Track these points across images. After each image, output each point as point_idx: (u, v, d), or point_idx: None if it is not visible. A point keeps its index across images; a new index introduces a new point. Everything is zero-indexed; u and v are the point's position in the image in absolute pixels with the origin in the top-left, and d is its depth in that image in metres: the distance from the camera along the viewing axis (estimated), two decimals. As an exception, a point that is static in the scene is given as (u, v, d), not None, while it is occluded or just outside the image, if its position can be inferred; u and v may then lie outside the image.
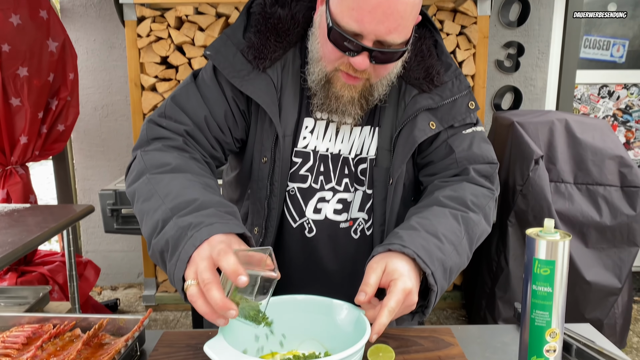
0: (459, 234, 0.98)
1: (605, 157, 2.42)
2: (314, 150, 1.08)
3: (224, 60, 1.03)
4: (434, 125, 1.05)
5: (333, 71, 0.99)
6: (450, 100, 1.06)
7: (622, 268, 2.43)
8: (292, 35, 1.05)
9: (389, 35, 0.91)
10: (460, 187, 1.05)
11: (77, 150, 3.38)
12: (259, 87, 1.01)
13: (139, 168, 0.97)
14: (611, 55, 3.46)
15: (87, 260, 2.84)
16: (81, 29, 3.24)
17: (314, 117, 1.08)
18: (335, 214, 1.11)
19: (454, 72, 1.09)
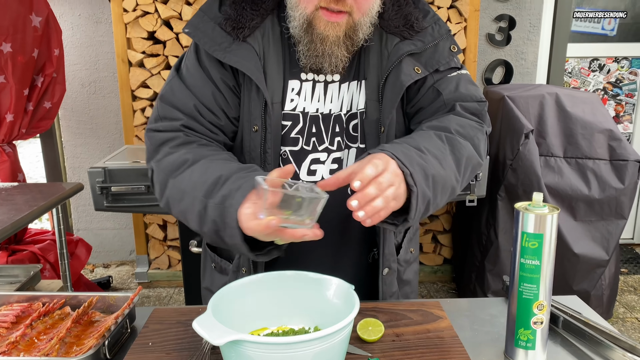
0: (443, 150, 0.97)
1: (594, 131, 2.43)
2: (302, 111, 1.08)
3: (204, 35, 1.03)
4: (419, 70, 1.05)
5: (314, 11, 0.98)
6: (432, 45, 1.07)
7: (610, 240, 2.47)
8: (267, 2, 1.06)
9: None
10: (445, 118, 1.06)
11: (65, 127, 3.34)
12: (242, 56, 1.01)
13: (161, 179, 1.01)
14: (602, 28, 3.45)
15: (78, 238, 2.84)
16: (65, 3, 3.17)
17: (300, 78, 1.07)
18: (330, 174, 1.09)
19: (433, 17, 1.10)
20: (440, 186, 0.94)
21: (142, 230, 3.12)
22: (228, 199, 0.88)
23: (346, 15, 0.98)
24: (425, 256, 3.26)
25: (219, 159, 0.98)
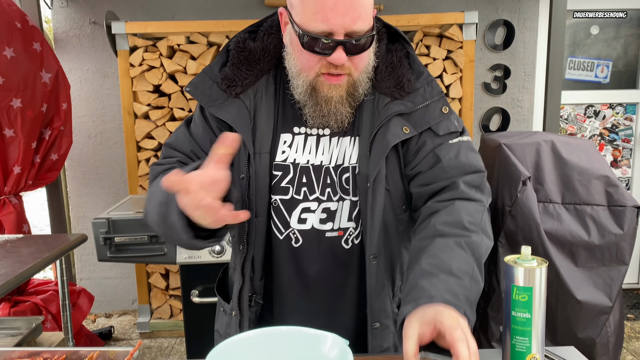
0: (470, 263, 1.00)
1: (591, 177, 2.45)
2: (293, 162, 1.13)
3: (202, 93, 1.13)
4: (407, 130, 1.09)
5: (315, 77, 1.05)
6: (422, 106, 1.10)
7: (612, 286, 2.45)
8: (263, 63, 1.14)
9: (355, 24, 0.98)
10: (454, 210, 1.08)
11: (70, 178, 3.40)
12: (232, 111, 1.10)
13: (144, 207, 1.09)
14: (595, 76, 3.54)
15: (80, 288, 2.84)
16: (75, 58, 3.29)
17: (292, 132, 1.14)
18: (321, 224, 1.14)
19: (426, 78, 1.14)
20: (476, 301, 1.00)
21: (145, 279, 3.13)
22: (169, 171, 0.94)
23: (346, 77, 1.04)
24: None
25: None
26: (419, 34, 2.90)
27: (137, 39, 2.88)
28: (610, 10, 3.47)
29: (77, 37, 3.27)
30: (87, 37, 3.28)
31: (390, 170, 1.12)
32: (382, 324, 1.16)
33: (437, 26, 2.87)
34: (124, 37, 2.87)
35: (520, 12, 3.29)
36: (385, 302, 1.16)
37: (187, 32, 2.89)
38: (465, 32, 2.84)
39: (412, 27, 2.89)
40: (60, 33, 3.27)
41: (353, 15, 0.97)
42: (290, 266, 1.16)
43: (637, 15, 3.49)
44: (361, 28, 0.99)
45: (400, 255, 1.21)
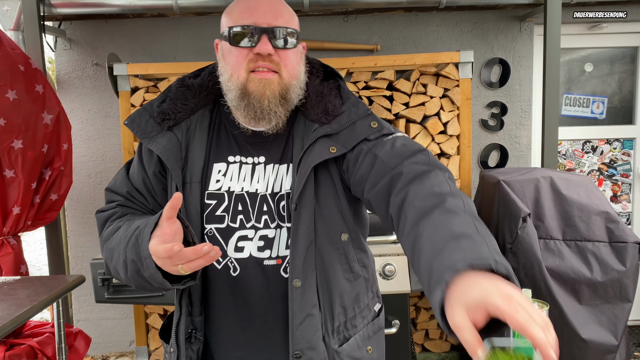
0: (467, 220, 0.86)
1: (591, 213, 2.45)
2: (227, 190, 1.15)
3: (138, 126, 1.17)
4: (334, 149, 1.09)
5: (246, 75, 1.08)
6: (349, 125, 1.12)
7: (617, 325, 2.42)
8: (199, 98, 1.19)
9: (277, 20, 1.08)
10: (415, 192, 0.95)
11: (70, 217, 3.40)
12: (162, 142, 1.14)
13: (101, 249, 1.16)
14: (592, 112, 3.58)
15: (77, 330, 2.80)
16: (77, 99, 3.33)
17: (227, 161, 1.16)
18: (259, 251, 1.12)
19: (352, 102, 1.17)
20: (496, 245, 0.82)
21: (143, 320, 3.09)
22: (139, 236, 1.00)
23: (276, 75, 1.08)
24: (432, 342, 3.18)
25: (142, 218, 1.09)
26: (415, 72, 2.94)
27: (138, 80, 2.93)
28: (603, 47, 3.54)
29: (79, 78, 3.33)
30: (89, 79, 3.33)
31: (323, 193, 1.12)
32: (305, 355, 1.09)
33: (433, 65, 2.92)
34: (126, 78, 2.91)
35: (515, 50, 3.36)
36: (309, 332, 1.10)
37: (187, 73, 2.94)
38: (461, 70, 2.89)
39: (409, 67, 2.94)
40: (63, 74, 3.33)
41: (274, 13, 1.08)
42: (230, 297, 1.14)
43: (630, 52, 3.56)
44: (284, 24, 1.09)
45: (341, 288, 1.15)
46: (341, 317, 1.16)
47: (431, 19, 3.34)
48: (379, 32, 3.35)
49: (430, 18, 3.34)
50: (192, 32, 3.32)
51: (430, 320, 3.15)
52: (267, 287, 1.13)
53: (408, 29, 3.34)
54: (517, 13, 3.33)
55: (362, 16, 3.32)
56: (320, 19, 3.30)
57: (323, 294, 1.13)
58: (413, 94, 2.94)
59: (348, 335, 1.17)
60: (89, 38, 3.31)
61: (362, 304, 1.21)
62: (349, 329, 1.18)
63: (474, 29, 3.35)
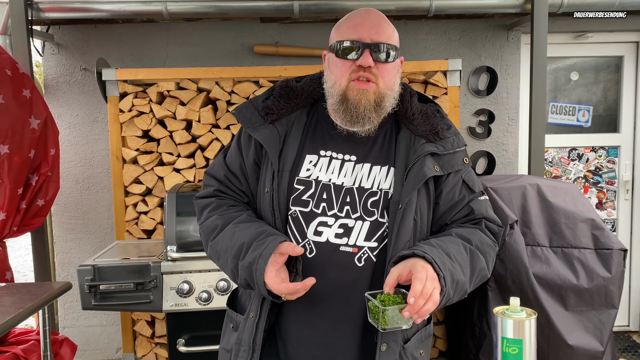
0: (466, 260, 1.21)
1: (577, 221, 2.48)
2: (315, 179, 1.28)
3: (243, 116, 1.34)
4: (437, 168, 1.27)
5: (347, 84, 1.23)
6: (451, 152, 1.31)
7: (603, 331, 2.44)
8: (299, 99, 1.35)
9: (380, 36, 1.23)
10: (472, 231, 1.30)
11: (56, 223, 3.36)
12: (265, 133, 1.30)
13: (203, 239, 1.36)
14: (577, 120, 3.62)
15: (63, 337, 2.76)
16: (64, 104, 3.31)
17: (319, 154, 1.30)
18: (336, 238, 1.25)
19: (454, 131, 1.35)
20: (459, 289, 1.17)
21: (130, 327, 3.06)
22: (253, 264, 1.17)
23: (373, 85, 1.23)
24: (420, 348, 3.18)
25: (241, 222, 1.28)
26: (404, 80, 2.96)
27: (127, 85, 2.92)
28: (588, 57, 3.60)
29: (67, 83, 3.30)
30: (77, 84, 3.31)
31: (420, 202, 1.27)
32: (390, 346, 1.22)
33: (422, 73, 2.94)
34: (114, 84, 2.90)
35: (502, 59, 3.40)
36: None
37: (177, 79, 2.93)
38: (449, 78, 2.91)
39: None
40: (50, 79, 3.30)
41: (378, 30, 1.23)
42: (302, 276, 1.23)
43: (614, 61, 3.61)
44: (386, 40, 1.23)
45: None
46: None
47: (420, 27, 3.36)
48: (368, 40, 3.36)
49: (419, 26, 3.36)
50: (181, 38, 3.32)
51: (418, 326, 3.16)
52: (338, 272, 1.24)
53: (397, 37, 3.37)
54: (504, 22, 3.37)
55: (351, 23, 3.33)
56: (311, 26, 3.31)
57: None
58: (402, 101, 2.96)
59: (407, 335, 1.31)
60: (77, 43, 3.30)
61: None
62: (407, 330, 1.30)
63: (462, 38, 3.38)
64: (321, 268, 1.23)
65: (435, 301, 1.07)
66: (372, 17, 1.26)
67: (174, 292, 2.34)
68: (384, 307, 1.07)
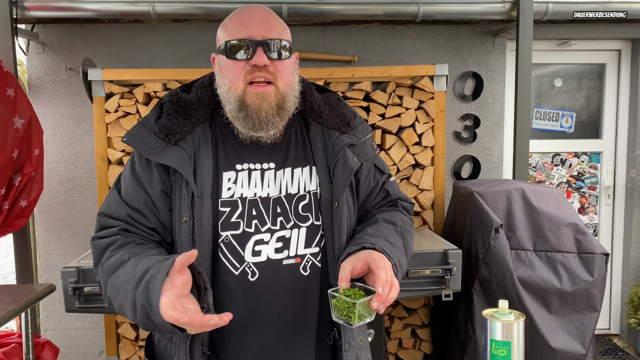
0: (400, 243, 1.25)
1: (561, 225, 2.51)
2: (240, 197, 1.18)
3: (140, 142, 1.17)
4: (355, 159, 1.25)
5: (244, 87, 1.13)
6: (362, 140, 1.29)
7: (585, 333, 2.48)
8: (198, 112, 1.22)
9: (270, 32, 1.14)
10: (393, 214, 1.34)
11: (39, 224, 3.32)
12: (173, 156, 1.15)
13: (103, 280, 1.14)
14: (561, 125, 3.68)
15: (45, 340, 2.72)
16: (49, 104, 3.27)
17: (235, 169, 1.20)
18: (276, 253, 1.18)
19: (360, 119, 1.34)
20: (402, 272, 1.20)
21: (114, 330, 3.02)
22: (150, 282, 1.00)
23: (272, 87, 1.14)
24: (405, 352, 3.20)
25: (149, 255, 1.09)
26: (392, 84, 2.98)
27: (113, 86, 2.89)
28: (571, 64, 3.66)
29: (52, 82, 3.27)
30: (62, 83, 3.27)
31: (347, 195, 1.25)
32: (351, 344, 1.22)
33: (409, 77, 2.97)
34: (100, 84, 2.87)
35: (488, 65, 3.44)
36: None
37: (164, 80, 2.91)
38: (436, 83, 2.94)
39: (385, 78, 2.98)
40: (34, 78, 3.26)
41: (268, 25, 1.14)
42: (245, 303, 1.16)
43: (597, 69, 3.68)
44: (277, 36, 1.14)
45: None
46: None
47: (407, 32, 3.39)
48: (356, 44, 3.38)
49: (407, 31, 3.39)
50: (169, 39, 3.30)
51: (403, 329, 3.17)
52: (286, 287, 1.17)
53: (385, 42, 3.39)
54: (490, 28, 3.41)
55: (339, 28, 3.35)
56: (299, 29, 3.32)
57: None
58: (389, 105, 2.98)
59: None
60: (62, 42, 3.26)
61: None
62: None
63: (449, 43, 3.42)
64: (268, 289, 1.16)
65: (398, 288, 1.07)
66: (260, 13, 1.16)
67: (159, 295, 2.32)
68: (354, 301, 1.04)
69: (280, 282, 1.17)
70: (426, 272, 2.43)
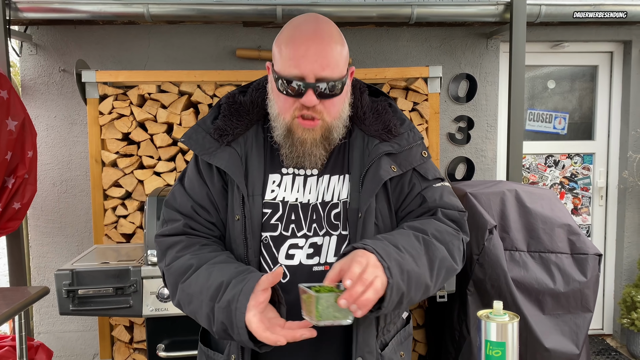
0: (419, 250, 1.11)
1: (554, 226, 2.53)
2: (282, 200, 1.21)
3: (195, 143, 1.23)
4: (395, 168, 1.20)
5: (291, 120, 1.15)
6: (407, 148, 1.23)
7: (579, 334, 2.49)
8: (252, 114, 1.25)
9: (324, 70, 1.10)
10: (426, 222, 1.20)
11: (32, 227, 3.30)
12: (224, 157, 1.19)
13: (171, 282, 1.18)
14: (554, 127, 3.70)
15: (38, 343, 2.71)
16: (42, 106, 3.26)
17: (281, 172, 1.22)
18: (308, 259, 1.19)
19: (409, 125, 1.28)
20: (414, 282, 1.07)
21: (108, 332, 3.01)
22: (233, 302, 1.02)
23: (319, 122, 1.15)
24: (399, 353, 3.20)
25: (219, 262, 1.13)
26: (386, 86, 2.99)
27: (107, 88, 2.88)
28: (564, 65, 3.68)
29: (45, 84, 3.25)
30: (55, 85, 3.26)
31: (380, 206, 1.21)
32: (365, 358, 1.18)
33: (403, 79, 2.98)
34: (94, 86, 2.86)
35: (482, 67, 3.45)
36: (369, 337, 1.19)
37: (158, 81, 2.91)
38: (430, 85, 2.95)
39: (380, 80, 2.98)
40: (28, 80, 3.25)
41: (322, 63, 1.10)
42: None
43: (589, 70, 3.70)
44: (330, 75, 1.11)
45: None
46: (382, 321, 1.23)
47: (401, 34, 3.40)
48: (351, 46, 3.36)
49: (401, 33, 3.40)
50: (163, 41, 3.30)
51: (398, 330, 3.18)
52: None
53: (379, 44, 3.40)
54: (484, 30, 3.43)
55: (333, 29, 3.36)
56: (293, 30, 3.32)
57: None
58: (383, 107, 2.98)
59: (385, 340, 1.25)
60: (56, 44, 3.25)
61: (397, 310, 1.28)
62: (385, 333, 1.26)
63: (443, 45, 3.43)
64: (297, 292, 1.13)
65: (377, 290, 0.98)
66: (316, 47, 1.11)
67: (154, 297, 2.31)
68: (318, 295, 0.97)
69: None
70: (421, 273, 2.44)
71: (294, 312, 1.15)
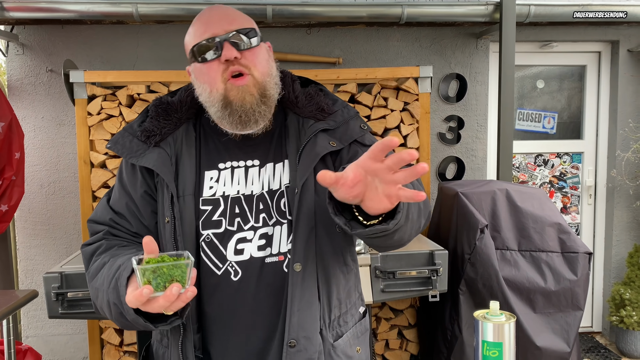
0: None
1: (545, 225, 2.54)
2: (223, 195, 1.17)
3: (122, 147, 1.19)
4: (334, 143, 1.17)
5: (224, 85, 1.12)
6: (344, 123, 1.22)
7: (570, 332, 2.51)
8: (180, 112, 1.22)
9: (232, 24, 1.12)
10: None
11: (20, 229, 3.26)
12: (153, 157, 1.16)
13: (89, 286, 1.14)
14: (543, 126, 3.73)
15: (27, 347, 2.67)
16: (29, 106, 3.21)
17: (218, 168, 1.19)
18: (259, 251, 1.14)
19: (342, 103, 1.27)
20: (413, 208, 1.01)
21: (97, 335, 2.98)
22: (118, 279, 1.00)
23: (249, 76, 1.12)
24: (392, 353, 3.21)
25: (126, 254, 1.08)
26: (377, 86, 2.99)
27: (95, 88, 2.85)
28: (553, 65, 3.71)
29: (32, 84, 3.21)
30: (43, 85, 3.22)
31: (316, 183, 1.14)
32: (300, 344, 1.10)
33: (394, 79, 2.98)
34: (82, 86, 2.83)
35: (472, 66, 3.47)
36: (307, 321, 1.12)
37: (147, 82, 2.89)
38: (420, 85, 2.96)
39: (371, 80, 2.98)
40: (14, 80, 3.20)
41: (228, 19, 1.13)
42: (230, 303, 1.14)
43: (578, 70, 3.73)
44: (240, 26, 1.13)
45: (337, 279, 1.19)
46: (336, 310, 1.19)
47: (392, 34, 3.41)
48: (341, 46, 3.39)
49: (391, 33, 3.41)
50: (152, 41, 3.27)
51: (390, 330, 3.18)
52: (269, 285, 1.14)
53: (369, 43, 3.40)
54: (473, 30, 3.44)
55: (324, 29, 3.35)
56: (284, 30, 3.31)
57: (322, 283, 1.16)
58: (374, 107, 2.98)
59: (340, 331, 1.20)
60: (43, 43, 3.21)
61: (352, 300, 1.25)
62: (342, 325, 1.20)
63: (433, 45, 3.44)
64: (251, 288, 1.13)
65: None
66: (218, 10, 1.16)
67: (144, 299, 2.29)
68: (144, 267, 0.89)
69: (264, 280, 1.13)
70: (413, 273, 2.44)
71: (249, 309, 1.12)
